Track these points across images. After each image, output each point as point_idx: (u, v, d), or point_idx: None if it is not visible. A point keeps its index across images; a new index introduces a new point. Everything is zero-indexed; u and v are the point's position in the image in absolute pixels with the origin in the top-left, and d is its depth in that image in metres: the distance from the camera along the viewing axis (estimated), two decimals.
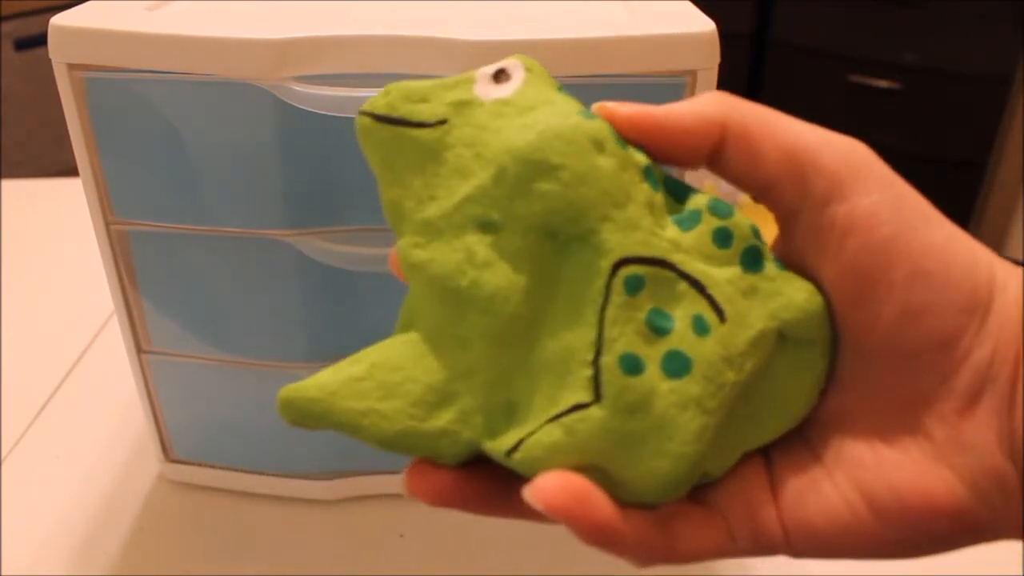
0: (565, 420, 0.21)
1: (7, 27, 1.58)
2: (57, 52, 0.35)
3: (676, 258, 0.22)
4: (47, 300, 0.66)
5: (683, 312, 0.21)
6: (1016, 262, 0.21)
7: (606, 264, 0.21)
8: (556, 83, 0.23)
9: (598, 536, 0.20)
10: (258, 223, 0.38)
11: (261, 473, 0.46)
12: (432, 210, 0.22)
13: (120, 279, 0.40)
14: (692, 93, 0.34)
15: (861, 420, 0.22)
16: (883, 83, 1.82)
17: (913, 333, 0.21)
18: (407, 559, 0.44)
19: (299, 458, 0.46)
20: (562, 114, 0.22)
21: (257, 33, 0.34)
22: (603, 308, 0.21)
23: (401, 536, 0.45)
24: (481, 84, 0.23)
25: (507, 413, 0.22)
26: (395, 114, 0.23)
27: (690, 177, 0.36)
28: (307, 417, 0.22)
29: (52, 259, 0.71)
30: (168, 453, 0.47)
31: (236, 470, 0.47)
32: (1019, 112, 1.90)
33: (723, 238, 0.22)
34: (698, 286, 0.22)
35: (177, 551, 0.45)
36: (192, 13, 0.36)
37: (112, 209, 0.39)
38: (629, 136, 0.22)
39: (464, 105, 0.22)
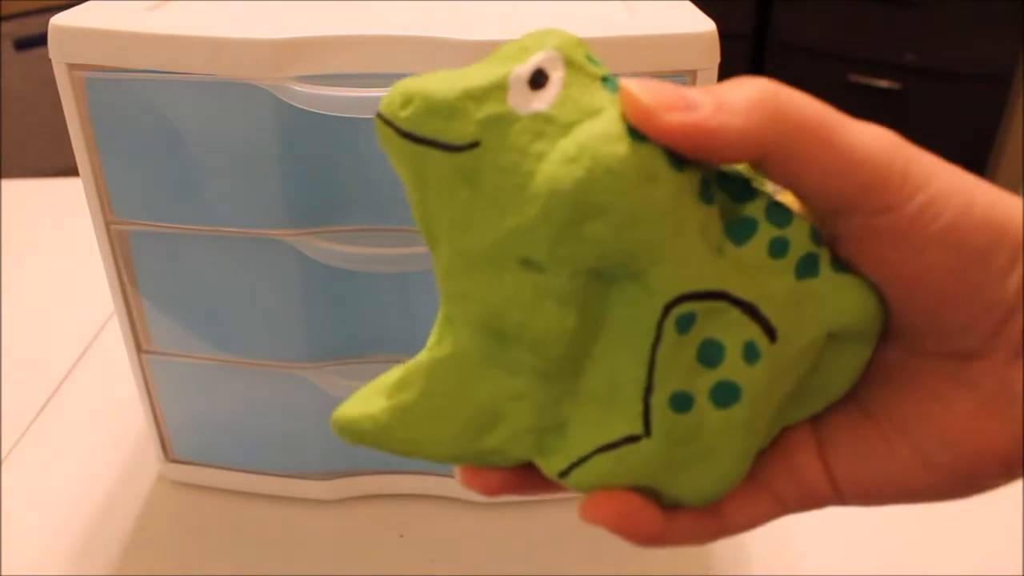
0: (616, 452, 0.21)
1: (7, 27, 1.58)
2: (57, 52, 0.35)
3: (729, 284, 0.21)
4: (47, 300, 0.66)
5: (734, 340, 0.21)
6: None
7: (658, 303, 0.20)
8: (597, 70, 0.21)
9: (649, 544, 0.22)
10: (258, 223, 0.38)
11: (261, 473, 0.46)
12: (470, 240, 0.20)
13: (120, 279, 0.40)
14: None
15: (909, 374, 0.22)
16: (883, 83, 1.82)
17: (964, 308, 0.21)
18: (407, 559, 0.44)
19: (299, 458, 0.46)
20: (610, 137, 0.19)
21: (257, 33, 0.34)
22: (654, 347, 0.21)
23: (401, 536, 0.45)
24: (516, 92, 0.20)
25: (557, 432, 0.22)
26: (420, 132, 0.20)
27: None
28: (360, 442, 0.22)
29: (52, 259, 0.71)
30: (168, 453, 0.47)
31: (236, 470, 0.47)
32: (1019, 112, 1.90)
33: (778, 249, 0.22)
34: (751, 310, 0.21)
35: (177, 551, 0.45)
36: (192, 13, 0.36)
37: (112, 209, 0.39)
38: (666, 142, 0.20)
39: (498, 121, 0.20)
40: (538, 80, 0.20)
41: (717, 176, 0.22)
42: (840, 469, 0.23)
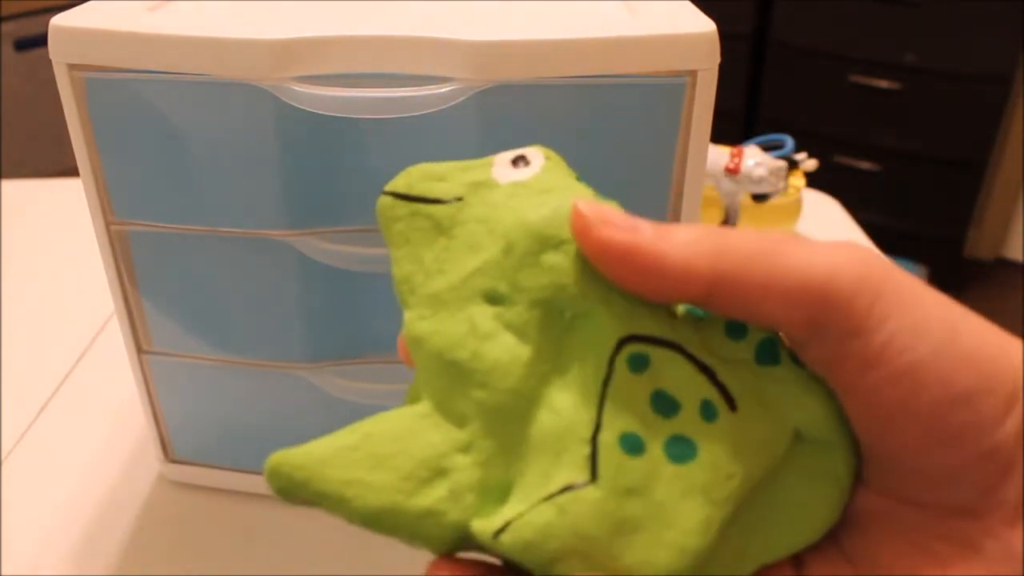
0: (558, 500, 0.19)
1: (7, 27, 1.58)
2: (57, 52, 0.35)
3: (685, 341, 0.21)
4: (47, 300, 0.66)
5: (690, 396, 0.20)
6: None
7: (611, 340, 0.20)
8: (574, 174, 0.23)
9: None
10: (258, 223, 0.38)
11: (261, 473, 0.46)
12: (440, 283, 0.22)
13: (120, 279, 0.40)
14: (692, 93, 0.34)
15: (898, 526, 0.20)
16: (883, 83, 1.82)
17: (951, 453, 0.19)
18: (407, 559, 0.44)
19: None
20: (577, 196, 0.21)
21: (257, 33, 0.34)
22: (605, 384, 0.20)
23: None
24: (499, 167, 0.23)
25: (501, 493, 0.20)
26: (412, 192, 0.23)
27: None
28: (292, 483, 0.21)
29: (52, 259, 0.71)
30: (168, 453, 0.47)
31: (236, 470, 0.47)
32: (1019, 112, 1.90)
33: (737, 330, 0.21)
34: (708, 372, 0.21)
35: (177, 551, 0.45)
36: (192, 13, 0.36)
37: (112, 209, 0.39)
38: (596, 264, 0.20)
39: (481, 185, 0.22)
40: (519, 162, 0.23)
41: None
42: None
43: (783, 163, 0.64)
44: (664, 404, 0.20)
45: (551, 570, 0.19)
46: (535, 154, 0.23)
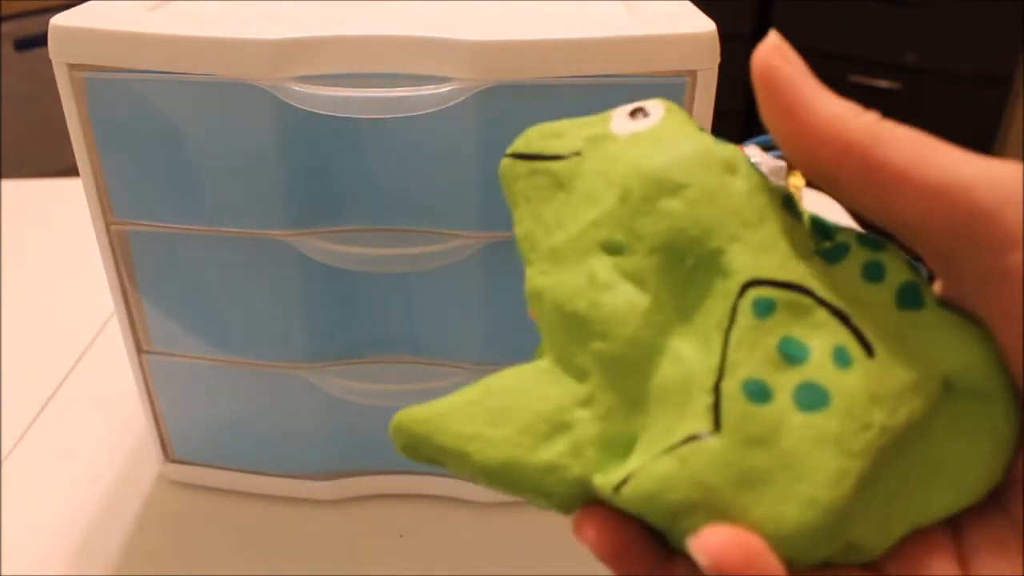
0: (680, 451, 0.18)
1: (7, 27, 1.58)
2: (57, 52, 0.35)
3: (816, 285, 0.19)
4: (47, 300, 0.66)
5: (822, 342, 0.19)
6: None
7: (733, 285, 0.19)
8: (696, 123, 0.22)
9: None
10: (258, 223, 0.38)
11: (261, 473, 0.46)
12: (559, 237, 0.21)
13: (120, 279, 0.40)
14: (692, 93, 0.34)
15: None
16: (883, 83, 1.82)
17: None
18: (407, 559, 0.44)
19: (299, 458, 0.46)
20: (697, 140, 0.21)
21: (257, 33, 0.34)
22: (728, 331, 0.19)
23: (401, 536, 0.45)
24: (618, 120, 0.22)
25: (623, 446, 0.20)
26: (531, 150, 0.23)
27: None
28: (415, 439, 0.20)
29: (52, 259, 0.71)
30: (168, 453, 0.47)
31: (236, 470, 0.47)
32: (1019, 112, 1.90)
33: (874, 272, 0.20)
34: (842, 316, 0.19)
35: (177, 551, 0.45)
36: (192, 13, 0.36)
37: (112, 209, 0.39)
38: (757, 91, 0.20)
39: (599, 139, 0.22)
40: (638, 114, 0.22)
41: (810, 216, 0.22)
42: None
43: (783, 163, 0.64)
44: (793, 350, 0.19)
45: (675, 524, 0.18)
46: (655, 105, 0.22)
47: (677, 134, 0.21)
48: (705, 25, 0.34)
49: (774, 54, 0.19)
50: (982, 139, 1.82)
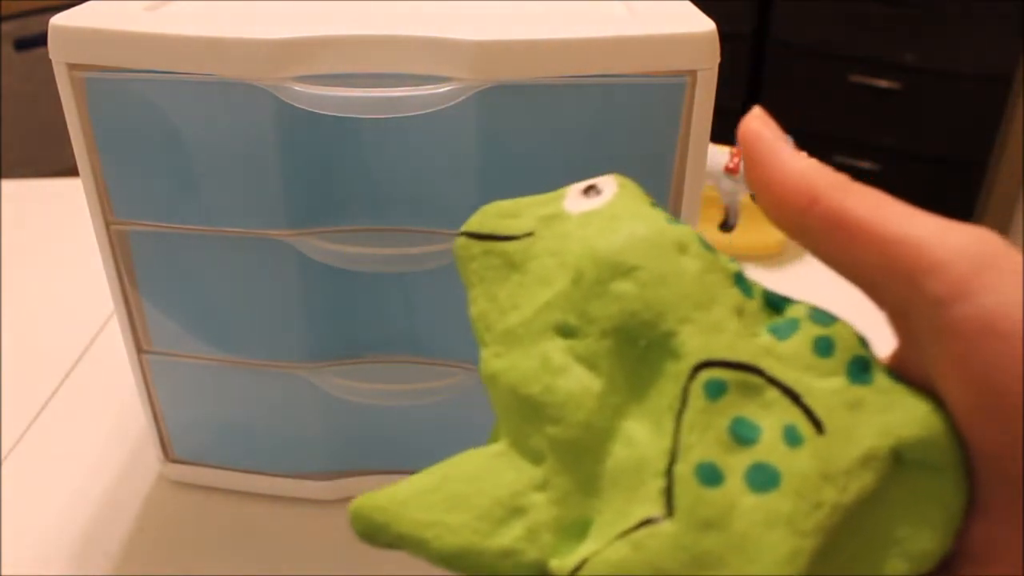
0: (634, 536, 0.18)
1: (7, 27, 1.58)
2: (57, 52, 0.35)
3: (766, 363, 0.20)
4: (47, 300, 0.66)
5: (772, 422, 0.19)
6: None
7: (685, 367, 0.19)
8: (649, 199, 0.23)
9: None
10: (258, 223, 0.38)
11: (261, 473, 0.46)
12: (513, 318, 0.21)
13: (120, 279, 0.40)
14: (692, 93, 0.34)
15: (1017, 555, 0.18)
16: (883, 83, 1.82)
17: None
18: (407, 559, 0.44)
19: (299, 458, 0.46)
20: (648, 220, 0.21)
21: (257, 33, 0.34)
22: (680, 413, 0.19)
23: None
24: (571, 199, 0.22)
25: (579, 530, 0.20)
26: (484, 230, 0.23)
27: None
28: (373, 526, 0.21)
29: (52, 259, 0.71)
30: (168, 453, 0.47)
31: (236, 470, 0.47)
32: (1019, 112, 1.90)
33: (824, 347, 0.20)
34: (791, 395, 0.19)
35: (177, 551, 0.45)
36: (192, 13, 0.36)
37: (112, 209, 0.39)
38: (741, 148, 0.21)
39: (552, 218, 0.22)
40: (591, 192, 0.23)
41: (761, 291, 0.22)
42: None
43: None
44: (744, 431, 0.19)
45: None
46: (607, 182, 0.23)
47: (630, 213, 0.21)
48: (705, 25, 0.34)
49: (757, 121, 0.21)
50: (982, 139, 1.82)
